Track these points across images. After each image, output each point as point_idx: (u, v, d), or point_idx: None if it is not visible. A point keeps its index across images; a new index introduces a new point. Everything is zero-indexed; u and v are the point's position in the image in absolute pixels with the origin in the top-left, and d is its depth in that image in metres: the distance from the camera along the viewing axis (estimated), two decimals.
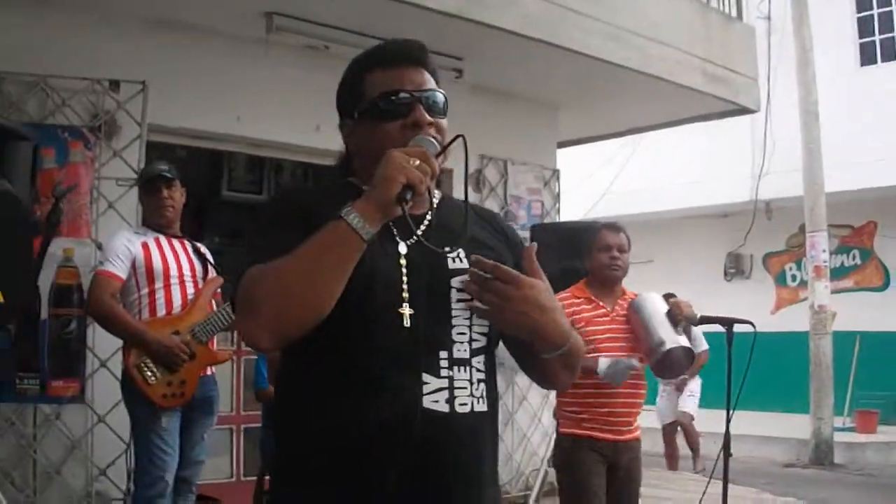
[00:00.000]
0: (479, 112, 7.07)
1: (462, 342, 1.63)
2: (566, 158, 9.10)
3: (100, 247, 4.91)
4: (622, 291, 4.29)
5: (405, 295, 1.58)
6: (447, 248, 1.62)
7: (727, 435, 4.10)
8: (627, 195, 14.08)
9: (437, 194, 1.78)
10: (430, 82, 1.71)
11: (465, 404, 1.61)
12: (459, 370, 1.61)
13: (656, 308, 4.12)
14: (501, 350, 1.81)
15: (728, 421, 4.07)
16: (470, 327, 1.65)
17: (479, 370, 1.66)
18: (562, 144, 8.69)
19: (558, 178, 7.96)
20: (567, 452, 4.12)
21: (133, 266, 4.23)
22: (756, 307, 13.27)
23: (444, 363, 1.60)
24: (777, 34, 11.83)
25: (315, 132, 5.91)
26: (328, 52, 5.89)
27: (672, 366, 4.06)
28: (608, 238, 4.24)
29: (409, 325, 1.57)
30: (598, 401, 4.03)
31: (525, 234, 6.33)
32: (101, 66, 5.36)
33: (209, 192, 7.65)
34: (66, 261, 5.04)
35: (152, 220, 4.43)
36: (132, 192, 5.07)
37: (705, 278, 14.44)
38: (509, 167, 7.57)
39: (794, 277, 14.77)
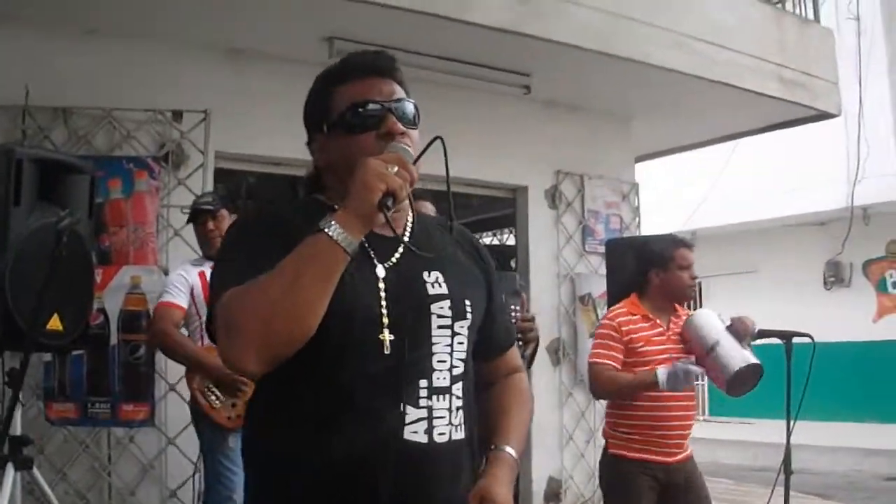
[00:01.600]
0: (552, 127, 7.07)
1: (442, 370, 1.60)
2: (656, 170, 8.72)
3: (166, 273, 4.94)
4: (675, 308, 4.11)
5: (384, 321, 1.54)
6: (429, 255, 1.61)
7: (787, 450, 3.90)
8: (724, 205, 13.70)
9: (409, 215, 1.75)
10: (400, 92, 1.68)
11: (443, 434, 1.58)
12: (438, 399, 1.58)
13: (716, 325, 3.94)
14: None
15: (788, 435, 3.89)
16: (451, 353, 1.61)
17: (457, 397, 1.63)
18: (643, 158, 8.51)
19: (637, 192, 7.76)
20: (617, 475, 3.95)
21: (192, 295, 4.24)
22: (857, 316, 13.22)
23: (423, 392, 1.57)
24: (867, 35, 11.23)
25: None
26: None
27: (744, 383, 3.87)
28: (688, 256, 4.07)
29: (388, 352, 1.53)
30: (651, 423, 3.87)
31: (602, 250, 6.21)
32: (165, 95, 5.40)
33: None
34: (133, 288, 5.07)
35: (205, 251, 4.45)
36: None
37: (805, 288, 13.97)
38: (585, 182, 7.41)
39: (895, 284, 14.13)
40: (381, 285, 1.57)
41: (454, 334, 1.62)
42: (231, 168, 5.92)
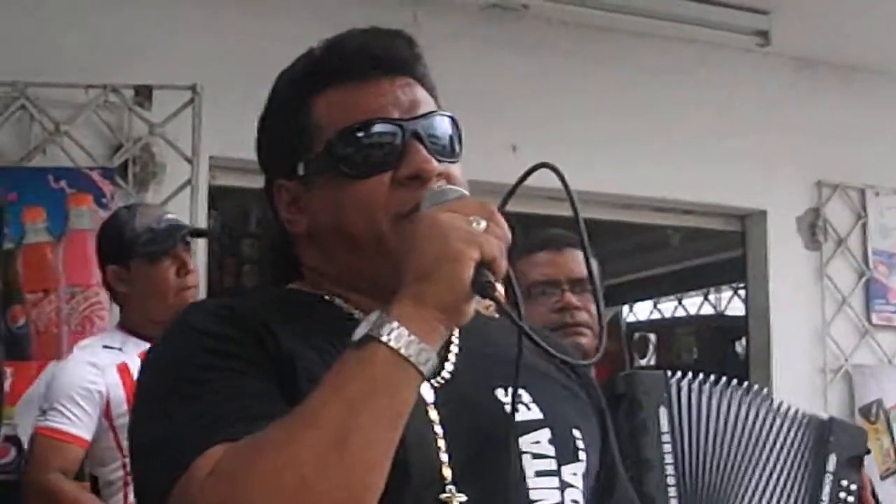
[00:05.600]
0: (808, 104, 5.71)
1: None
2: None
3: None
4: None
5: (445, 473, 1.22)
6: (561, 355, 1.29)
7: None
8: None
9: None
10: (427, 101, 1.34)
11: None
12: None
13: None
14: None
15: None
16: None
17: None
18: None
19: None
20: None
21: (106, 415, 3.28)
22: None
23: None
24: None
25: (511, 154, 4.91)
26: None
27: None
28: None
29: None
30: None
31: None
32: (122, 61, 4.32)
33: None
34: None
35: (142, 317, 3.38)
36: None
37: None
38: (869, 201, 5.91)
39: None
40: (434, 415, 1.26)
41: (563, 486, 1.31)
42: (236, 185, 4.77)
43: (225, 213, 5.77)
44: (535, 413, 1.34)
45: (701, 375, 2.63)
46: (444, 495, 1.24)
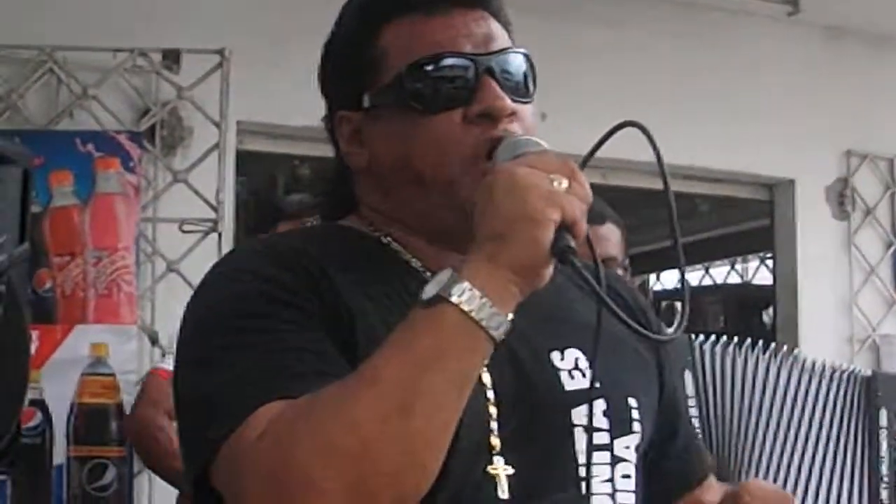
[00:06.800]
0: (838, 75, 5.68)
1: None
2: None
3: (154, 340, 4.13)
4: None
5: (494, 442, 1.19)
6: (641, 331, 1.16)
7: None
8: None
9: None
10: (502, 37, 1.29)
11: None
12: None
13: None
14: None
15: None
16: (612, 495, 1.26)
17: None
18: None
19: None
20: None
21: None
22: None
23: None
24: None
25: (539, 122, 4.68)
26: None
27: None
28: None
29: (506, 495, 1.19)
30: None
31: None
32: (149, 26, 4.32)
33: None
34: (96, 364, 4.03)
35: None
36: (210, 243, 4.18)
37: None
38: None
39: None
40: (486, 379, 1.20)
41: (615, 461, 1.27)
42: (264, 150, 4.82)
43: (252, 178, 5.76)
44: (588, 382, 1.29)
45: (725, 338, 2.60)
46: (491, 467, 1.20)
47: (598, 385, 1.25)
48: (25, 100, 4.18)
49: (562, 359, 1.27)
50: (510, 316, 1.08)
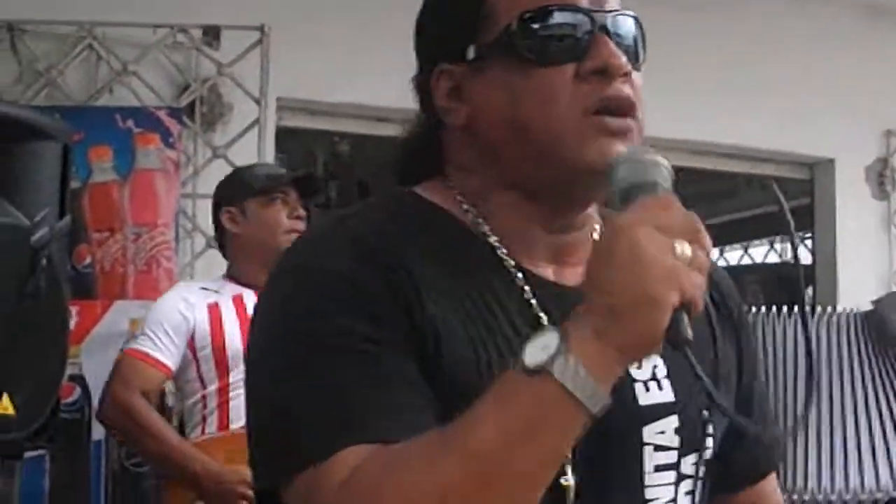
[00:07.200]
0: (875, 54, 5.64)
1: None
2: None
3: None
4: None
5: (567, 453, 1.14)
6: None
7: None
8: None
9: None
10: None
11: None
12: None
13: None
14: None
15: None
16: None
17: None
18: None
19: None
20: None
21: (191, 346, 3.41)
22: None
23: None
24: None
25: None
26: None
27: None
28: None
29: None
30: None
31: None
32: (186, 3, 4.39)
33: None
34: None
35: (238, 267, 3.50)
36: None
37: None
38: None
39: None
40: None
41: (680, 479, 1.22)
42: (303, 127, 4.83)
43: (291, 155, 5.70)
44: (667, 394, 1.24)
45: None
46: (564, 478, 1.16)
47: (673, 399, 1.22)
48: (65, 76, 4.20)
49: (639, 367, 1.21)
50: (608, 391, 1.04)
